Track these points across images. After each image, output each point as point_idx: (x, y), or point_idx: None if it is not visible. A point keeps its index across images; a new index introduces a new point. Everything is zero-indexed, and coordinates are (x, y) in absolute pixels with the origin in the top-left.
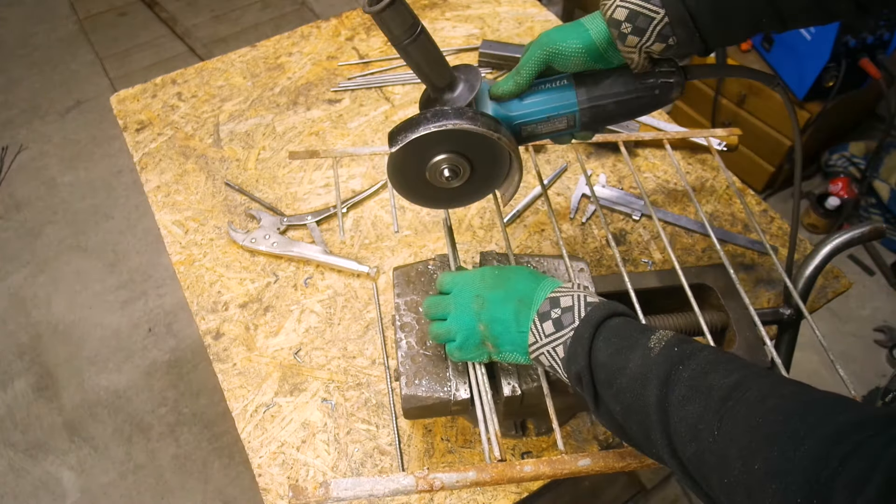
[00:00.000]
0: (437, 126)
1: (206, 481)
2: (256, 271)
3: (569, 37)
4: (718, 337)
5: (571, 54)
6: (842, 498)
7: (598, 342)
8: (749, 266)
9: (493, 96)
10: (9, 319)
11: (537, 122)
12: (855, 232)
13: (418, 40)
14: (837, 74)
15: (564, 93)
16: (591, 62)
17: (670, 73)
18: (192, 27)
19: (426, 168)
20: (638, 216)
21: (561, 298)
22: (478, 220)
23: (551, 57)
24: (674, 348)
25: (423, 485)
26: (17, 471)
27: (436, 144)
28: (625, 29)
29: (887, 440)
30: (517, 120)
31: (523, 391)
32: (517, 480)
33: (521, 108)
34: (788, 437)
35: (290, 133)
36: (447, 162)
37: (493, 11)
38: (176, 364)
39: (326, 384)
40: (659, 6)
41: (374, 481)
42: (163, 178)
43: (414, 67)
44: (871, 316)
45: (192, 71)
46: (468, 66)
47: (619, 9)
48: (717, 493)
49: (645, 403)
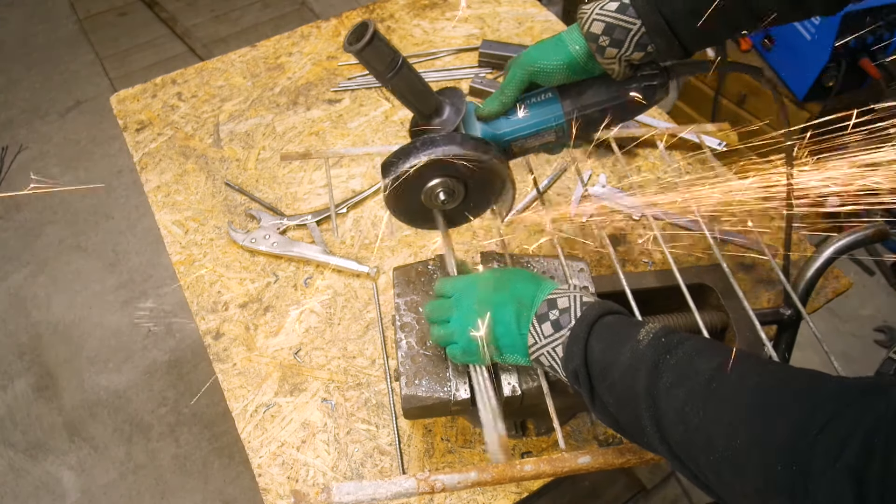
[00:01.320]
0: (427, 154)
1: (206, 481)
2: (256, 271)
3: (549, 54)
4: (719, 337)
5: (553, 71)
6: (821, 463)
7: (592, 340)
8: (749, 266)
9: (480, 117)
10: (9, 319)
11: (526, 136)
12: (859, 234)
13: (400, 73)
14: (837, 74)
15: (550, 106)
16: (573, 76)
17: (653, 75)
18: (192, 27)
19: (422, 193)
20: (638, 216)
21: (558, 300)
22: (478, 220)
23: (533, 75)
24: (661, 339)
25: (425, 487)
26: (17, 471)
27: (429, 170)
28: (602, 42)
29: (863, 407)
30: (506, 137)
31: (523, 391)
32: (518, 480)
33: (508, 125)
34: (769, 409)
35: (290, 133)
36: (441, 186)
37: (493, 11)
38: (176, 364)
39: (326, 384)
40: (635, 17)
41: (375, 485)
42: (163, 178)
43: (400, 98)
44: (871, 316)
45: (192, 71)
46: (453, 90)
47: (596, 22)
48: (706, 472)
49: (635, 393)
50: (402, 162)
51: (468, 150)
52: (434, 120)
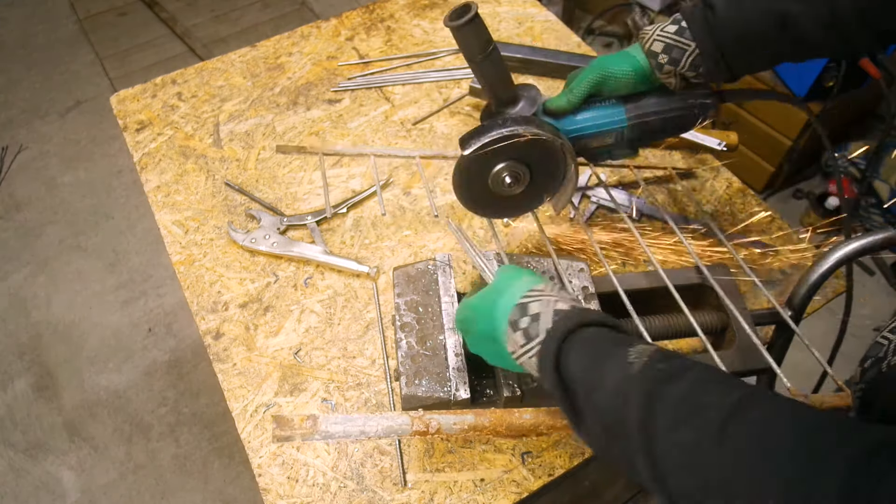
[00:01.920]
0: (510, 131)
1: (206, 481)
2: (256, 271)
3: (620, 62)
4: (718, 337)
5: (622, 76)
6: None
7: (569, 356)
8: (749, 266)
9: (548, 111)
10: (9, 319)
11: (588, 136)
12: (866, 241)
13: (492, 56)
14: (837, 74)
15: (614, 109)
16: (638, 85)
17: (707, 94)
18: (192, 27)
19: (489, 174)
20: (638, 216)
21: (530, 304)
22: (478, 220)
23: (603, 79)
24: (657, 365)
25: (419, 425)
26: (17, 471)
27: (500, 152)
28: (662, 59)
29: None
30: (569, 135)
31: (523, 391)
32: (516, 429)
33: (573, 123)
34: (809, 455)
35: (291, 133)
36: (509, 169)
37: (493, 11)
38: (176, 364)
39: (326, 384)
40: (691, 39)
41: (365, 418)
42: (163, 178)
43: (483, 81)
44: (871, 316)
45: (192, 71)
46: (528, 85)
47: (657, 42)
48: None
49: (626, 426)
50: (484, 136)
51: (546, 132)
52: (509, 109)
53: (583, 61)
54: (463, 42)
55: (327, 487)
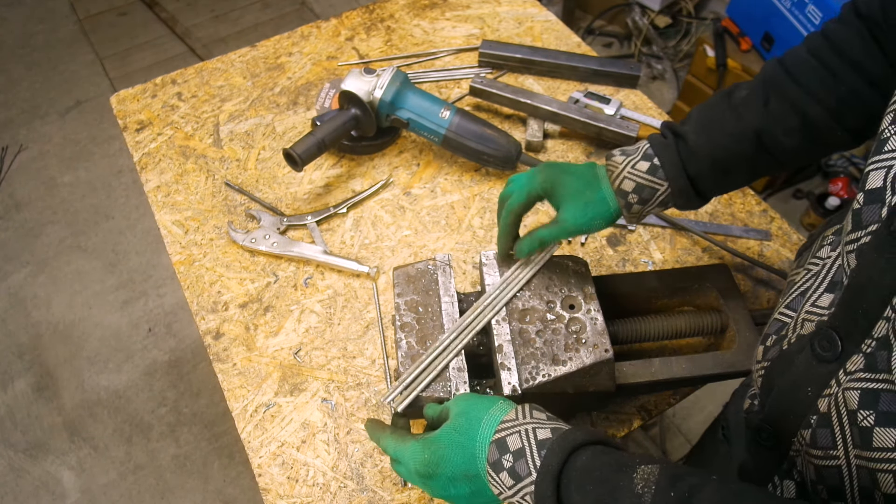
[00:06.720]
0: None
1: (206, 481)
2: (256, 271)
3: (598, 222)
4: (718, 337)
5: (598, 230)
6: None
7: (570, 492)
8: (749, 266)
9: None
10: (9, 319)
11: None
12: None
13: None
14: None
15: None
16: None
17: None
18: (192, 27)
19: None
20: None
21: (507, 439)
22: (478, 220)
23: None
24: (669, 492)
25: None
26: (17, 471)
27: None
28: (632, 199)
29: None
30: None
31: (523, 391)
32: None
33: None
34: None
35: (291, 133)
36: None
37: (493, 11)
38: (176, 364)
39: (326, 384)
40: (664, 179)
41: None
42: (163, 178)
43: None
44: None
45: (192, 71)
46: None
47: (627, 180)
48: None
49: None
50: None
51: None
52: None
53: (583, 61)
54: None
55: (327, 487)
